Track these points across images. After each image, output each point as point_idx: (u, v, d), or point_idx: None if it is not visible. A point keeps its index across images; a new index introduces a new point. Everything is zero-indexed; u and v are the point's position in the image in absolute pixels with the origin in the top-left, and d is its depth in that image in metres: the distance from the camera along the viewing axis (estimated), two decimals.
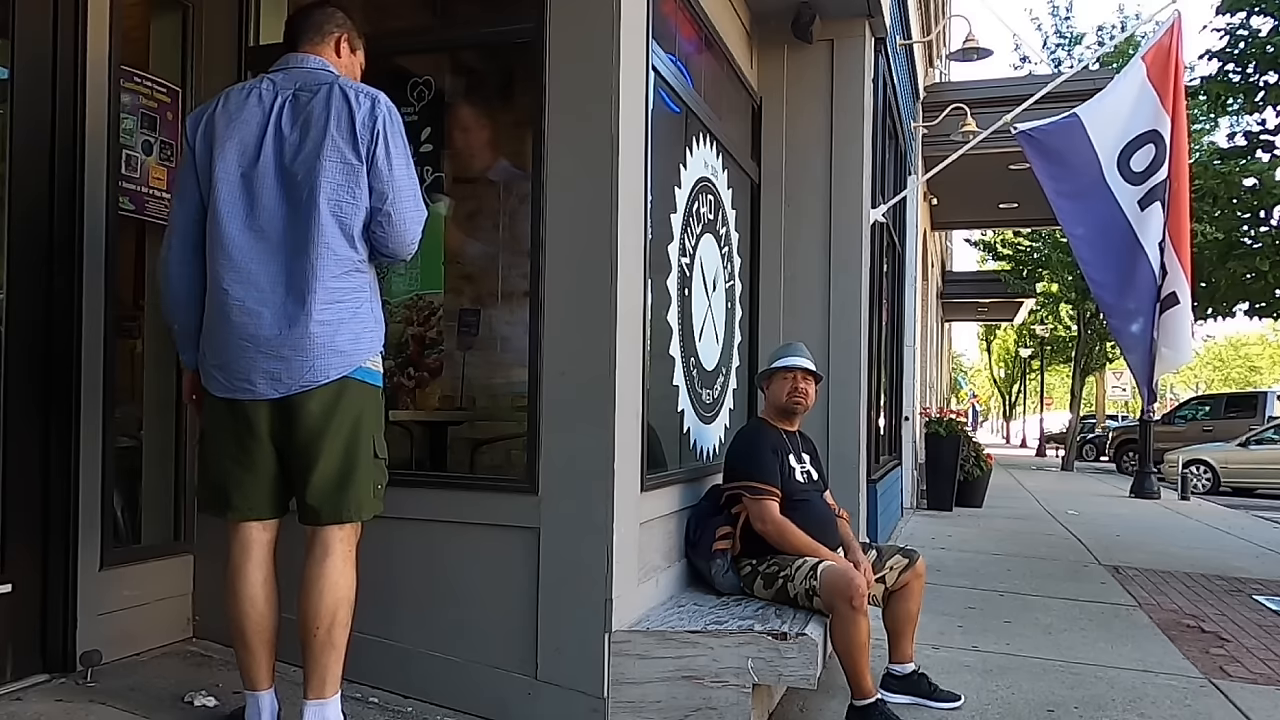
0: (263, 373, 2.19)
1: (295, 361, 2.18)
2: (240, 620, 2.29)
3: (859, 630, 2.84)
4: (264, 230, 2.20)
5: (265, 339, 2.17)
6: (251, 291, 2.18)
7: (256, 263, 2.19)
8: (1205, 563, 6.77)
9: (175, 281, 2.31)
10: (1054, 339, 28.22)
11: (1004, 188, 11.47)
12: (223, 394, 2.24)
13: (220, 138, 2.23)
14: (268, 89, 2.28)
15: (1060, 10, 23.97)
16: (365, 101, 2.23)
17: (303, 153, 2.20)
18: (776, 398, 3.44)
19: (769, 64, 4.96)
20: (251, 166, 2.22)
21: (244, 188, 2.21)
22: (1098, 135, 4.60)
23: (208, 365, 2.26)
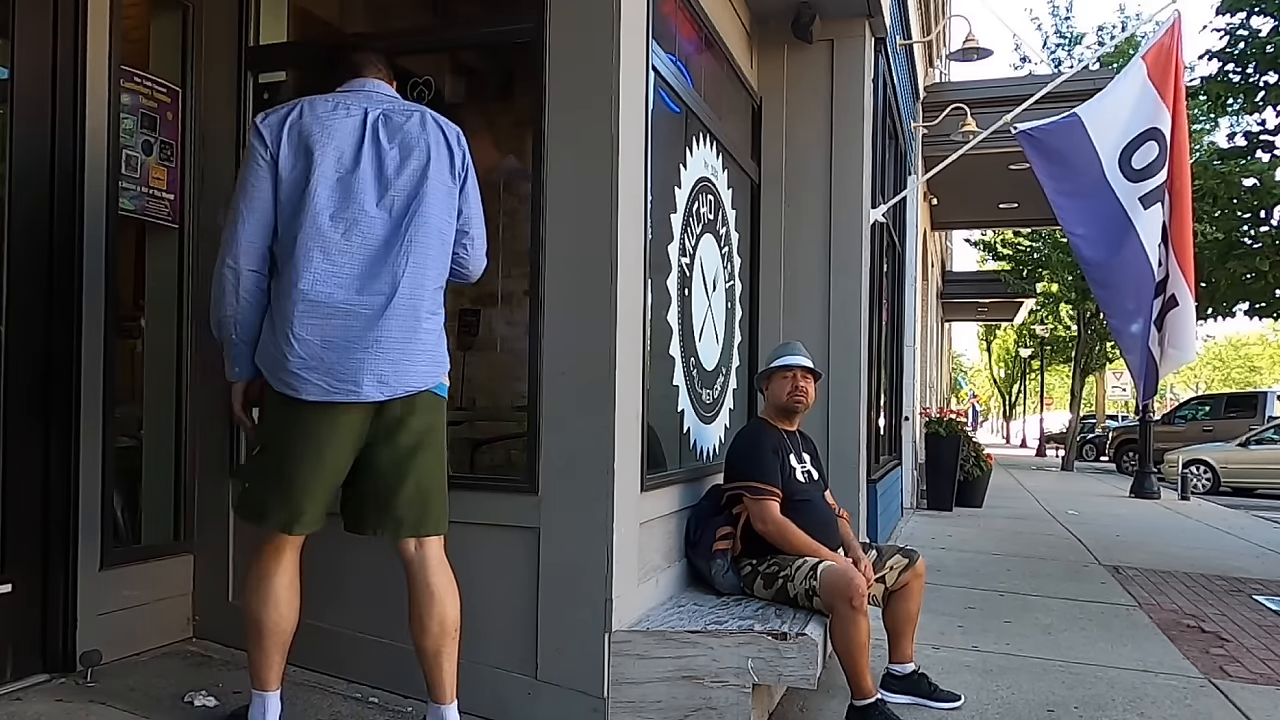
0: (371, 374, 2.18)
1: (404, 365, 2.22)
2: (263, 622, 2.28)
3: (859, 630, 2.84)
4: (365, 237, 2.21)
5: (374, 340, 2.18)
6: (355, 295, 2.18)
7: (359, 267, 2.20)
8: (1205, 563, 6.77)
9: (246, 291, 2.24)
10: (1054, 339, 28.22)
11: (1004, 188, 11.46)
12: (319, 398, 2.17)
13: (316, 143, 2.22)
14: (354, 103, 2.30)
15: (1060, 10, 23.99)
16: (454, 132, 2.40)
17: (405, 171, 2.27)
18: (777, 397, 3.44)
19: (769, 64, 4.96)
20: (350, 174, 2.22)
21: (343, 193, 2.21)
22: (1098, 134, 4.59)
23: (293, 369, 2.17)
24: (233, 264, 2.23)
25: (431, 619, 2.32)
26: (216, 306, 2.28)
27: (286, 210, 2.22)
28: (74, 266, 2.78)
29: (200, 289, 3.20)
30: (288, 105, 2.30)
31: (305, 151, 2.21)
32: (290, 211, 2.21)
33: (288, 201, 2.21)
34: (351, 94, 2.35)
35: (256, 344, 2.28)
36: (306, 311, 2.16)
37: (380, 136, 2.28)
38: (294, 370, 2.17)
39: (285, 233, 2.22)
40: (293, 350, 2.16)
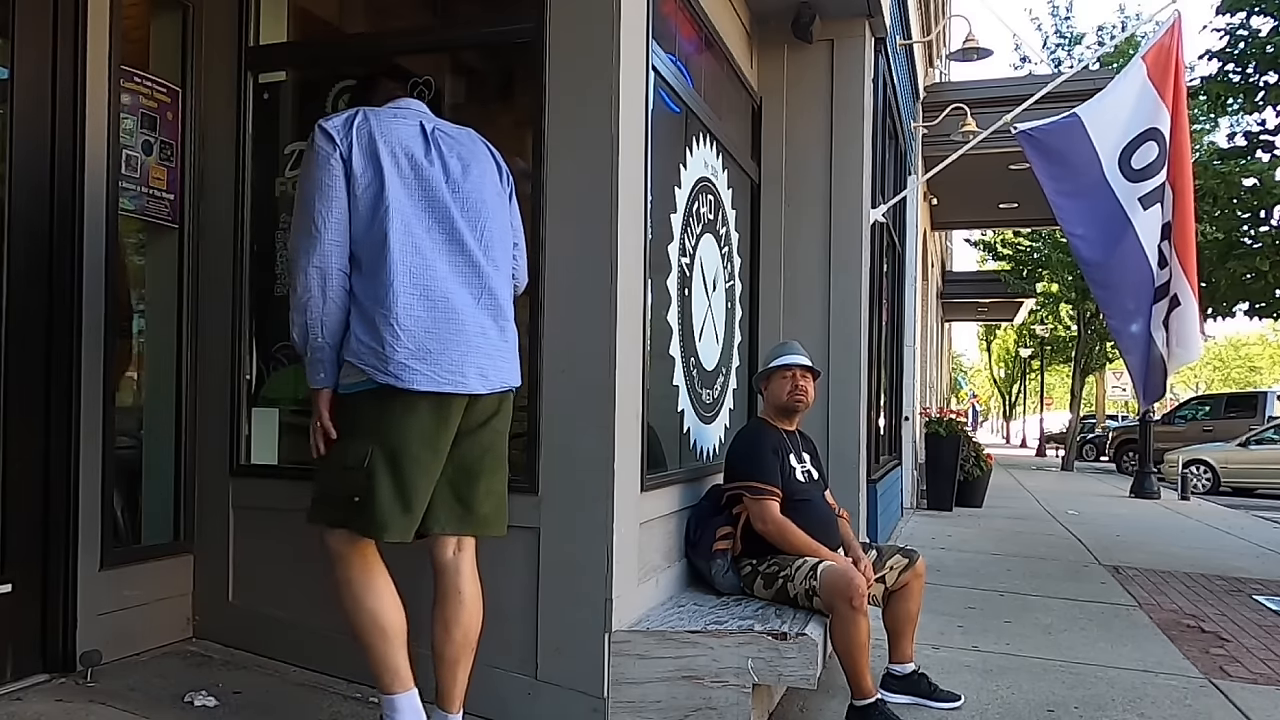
0: (475, 366, 2.22)
1: (499, 361, 2.28)
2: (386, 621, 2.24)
3: (859, 630, 2.84)
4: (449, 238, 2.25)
5: (475, 334, 2.23)
6: (452, 290, 2.22)
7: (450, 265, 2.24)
8: (1205, 563, 6.77)
9: (334, 291, 2.21)
10: (1054, 339, 28.22)
11: (1004, 188, 11.46)
12: (428, 388, 2.16)
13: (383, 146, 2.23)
14: (408, 116, 2.34)
15: (1060, 10, 23.99)
16: (496, 151, 2.49)
17: (469, 179, 2.33)
18: (777, 397, 3.44)
19: (769, 64, 4.96)
20: (422, 177, 2.26)
21: (421, 195, 2.25)
22: (1098, 135, 4.59)
23: (402, 360, 2.14)
24: (320, 264, 2.19)
25: (458, 626, 2.31)
26: (302, 311, 2.22)
27: (365, 211, 2.21)
28: (74, 266, 2.77)
29: (200, 289, 3.21)
30: (347, 111, 2.31)
31: (373, 154, 2.22)
32: (369, 212, 2.20)
33: (365, 202, 2.21)
34: (401, 108, 2.37)
35: (339, 349, 2.24)
36: (409, 304, 2.16)
37: (440, 145, 2.32)
38: (403, 361, 2.14)
39: (368, 233, 2.20)
40: (400, 342, 2.15)
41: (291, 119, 3.29)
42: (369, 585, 2.25)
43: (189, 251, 3.20)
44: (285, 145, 3.22)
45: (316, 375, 2.27)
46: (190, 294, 3.20)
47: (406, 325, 2.16)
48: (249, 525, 3.13)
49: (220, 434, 3.16)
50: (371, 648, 2.24)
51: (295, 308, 2.24)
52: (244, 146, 3.18)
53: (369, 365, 2.17)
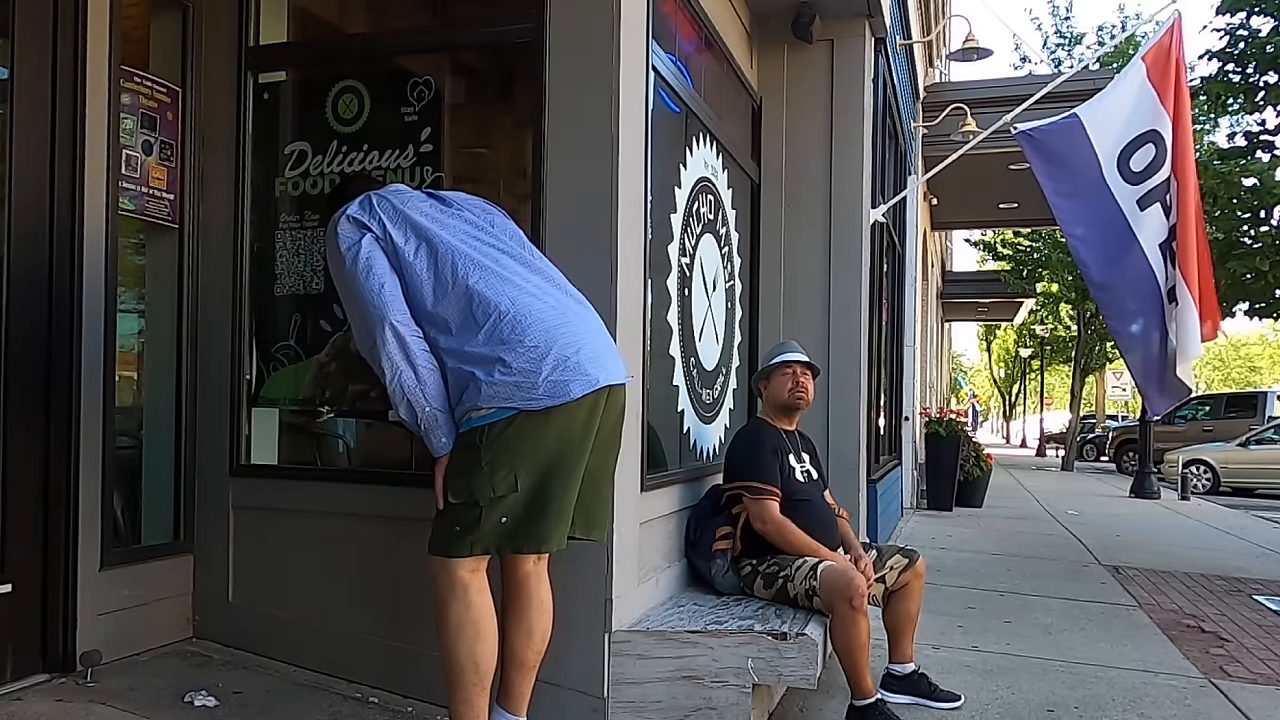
0: (609, 357, 2.25)
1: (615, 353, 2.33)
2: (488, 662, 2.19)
3: (859, 630, 2.84)
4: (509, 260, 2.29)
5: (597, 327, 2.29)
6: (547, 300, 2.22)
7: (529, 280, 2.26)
8: (1205, 563, 6.77)
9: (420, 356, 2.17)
10: (1054, 339, 28.21)
11: (1004, 188, 11.46)
12: (585, 389, 2.14)
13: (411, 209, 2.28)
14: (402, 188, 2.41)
15: (1060, 10, 23.99)
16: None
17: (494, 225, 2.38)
18: (777, 395, 3.43)
19: (769, 64, 4.96)
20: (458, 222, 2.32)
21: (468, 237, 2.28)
22: (1097, 135, 4.59)
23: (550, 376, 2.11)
24: (393, 335, 2.15)
25: (539, 632, 2.29)
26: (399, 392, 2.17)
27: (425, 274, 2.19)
28: (74, 266, 2.77)
29: (200, 288, 3.21)
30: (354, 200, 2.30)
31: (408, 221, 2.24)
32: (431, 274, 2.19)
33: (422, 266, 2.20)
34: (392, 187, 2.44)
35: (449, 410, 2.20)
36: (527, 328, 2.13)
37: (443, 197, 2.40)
38: (551, 379, 2.11)
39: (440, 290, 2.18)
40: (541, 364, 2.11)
41: (291, 119, 3.28)
42: (479, 627, 2.18)
43: (189, 251, 3.20)
44: (285, 145, 3.22)
45: (438, 443, 2.22)
46: (190, 294, 3.20)
47: (539, 345, 2.12)
48: (249, 525, 3.12)
49: (220, 434, 3.16)
50: (462, 687, 2.18)
51: (392, 392, 2.17)
52: (244, 146, 3.18)
53: (514, 401, 2.12)
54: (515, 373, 2.11)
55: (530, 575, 2.30)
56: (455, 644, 2.17)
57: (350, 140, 3.10)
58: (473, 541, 2.16)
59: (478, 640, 2.17)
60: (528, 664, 2.30)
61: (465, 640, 2.16)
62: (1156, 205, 4.59)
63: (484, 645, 2.18)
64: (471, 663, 2.16)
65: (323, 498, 3.05)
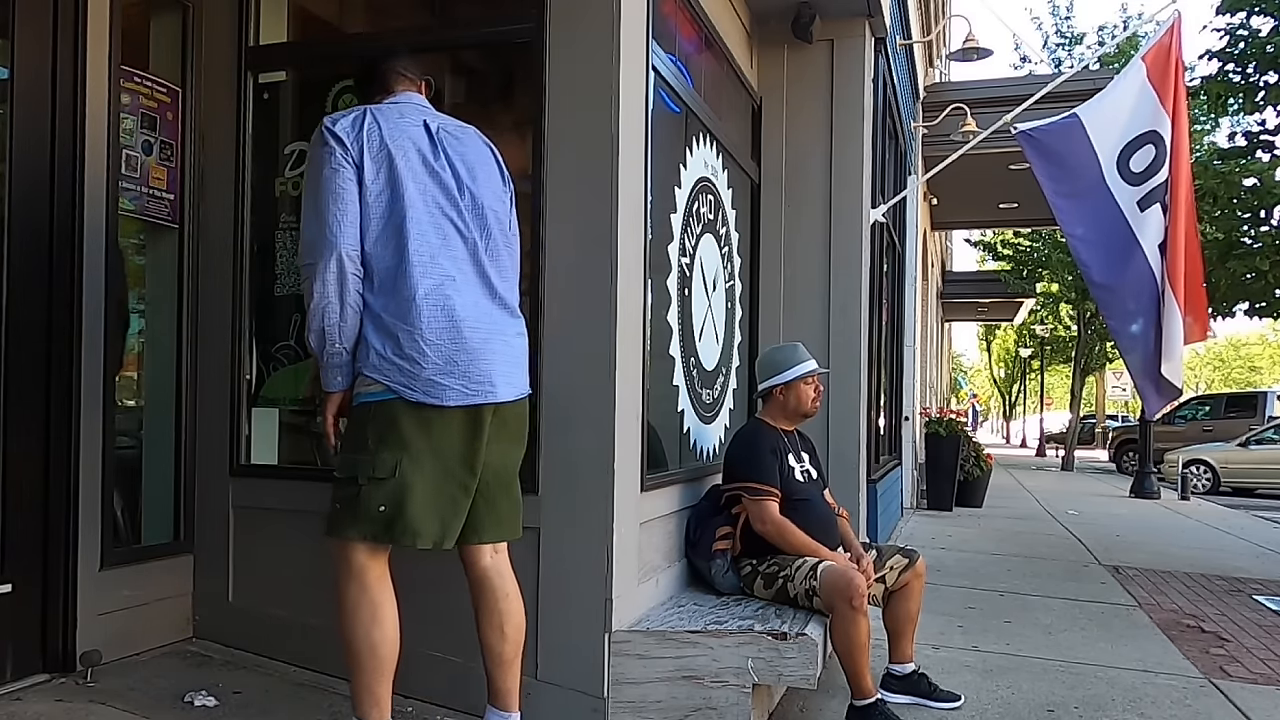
0: (501, 374, 2.21)
1: (517, 367, 2.28)
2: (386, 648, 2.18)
3: (859, 630, 2.84)
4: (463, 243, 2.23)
5: (498, 342, 2.22)
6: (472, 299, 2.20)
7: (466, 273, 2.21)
8: (1205, 563, 6.77)
9: (352, 296, 2.16)
10: (1054, 339, 28.21)
11: (1004, 188, 11.47)
12: (460, 401, 2.14)
13: (396, 149, 2.19)
14: (412, 115, 2.28)
15: (1060, 10, 23.97)
16: (496, 150, 2.44)
17: (478, 181, 2.30)
18: (799, 404, 3.39)
19: (769, 64, 4.96)
20: (434, 180, 2.23)
21: (434, 200, 2.21)
22: (1097, 135, 4.59)
23: (430, 376, 2.12)
24: (337, 271, 2.13)
25: (510, 626, 2.31)
26: (319, 317, 2.16)
27: (377, 219, 2.16)
28: (74, 266, 2.78)
29: (200, 289, 3.21)
30: (353, 111, 2.24)
31: (387, 158, 2.17)
32: (382, 221, 2.16)
33: (378, 210, 2.16)
34: (400, 105, 2.33)
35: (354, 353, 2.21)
36: (433, 318, 2.13)
37: (446, 146, 2.28)
38: (433, 378, 2.12)
39: (381, 241, 2.16)
40: (427, 358, 2.12)
41: (291, 119, 3.29)
42: (376, 610, 2.18)
43: (189, 251, 3.21)
44: (285, 145, 3.22)
45: (334, 380, 2.24)
46: (190, 294, 3.20)
47: (432, 340, 2.13)
48: (249, 525, 3.13)
49: (220, 434, 3.16)
50: (361, 672, 2.18)
51: (312, 313, 2.17)
52: (244, 146, 3.18)
53: (396, 383, 2.13)
54: (403, 357, 2.13)
55: (489, 570, 2.32)
56: (353, 629, 2.17)
57: None
58: (353, 524, 2.16)
59: (374, 625, 2.16)
60: (506, 659, 2.31)
61: (362, 625, 2.16)
62: (1156, 206, 4.59)
63: (381, 630, 2.17)
64: (369, 648, 2.15)
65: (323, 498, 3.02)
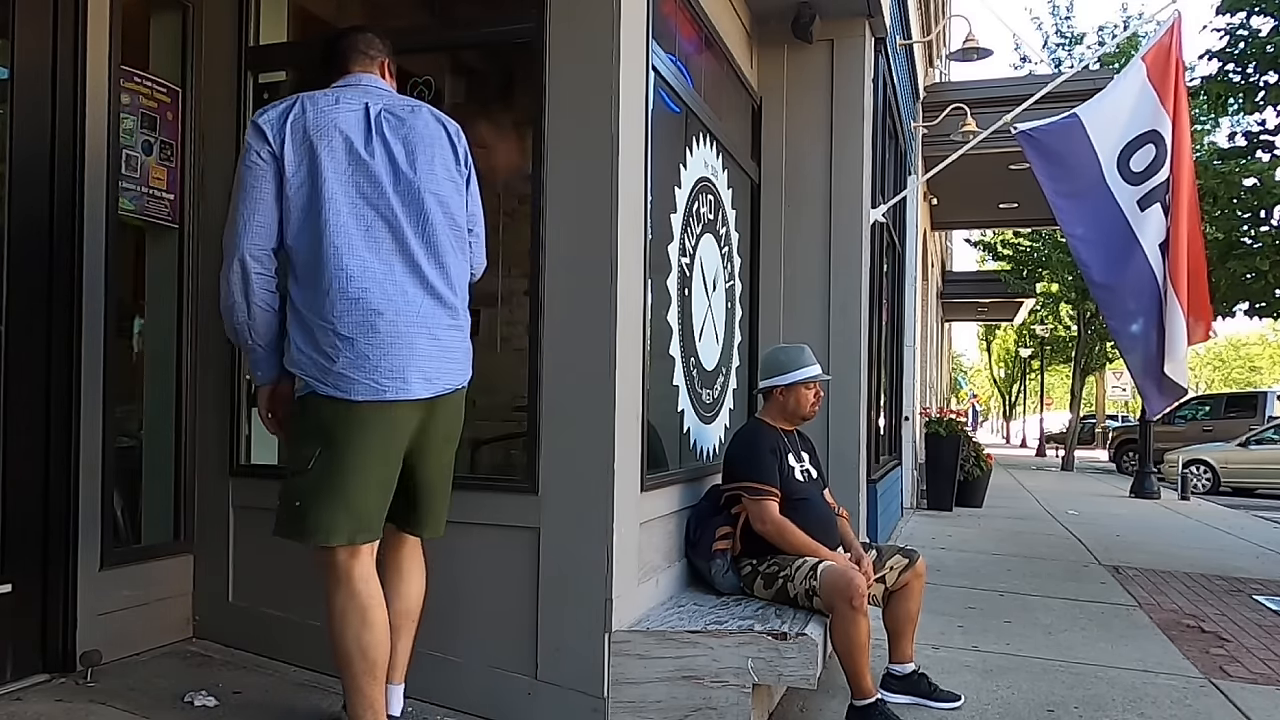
0: (417, 371, 2.16)
1: (444, 362, 2.22)
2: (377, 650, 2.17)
3: (859, 630, 2.84)
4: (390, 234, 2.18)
5: (416, 337, 2.17)
6: (391, 293, 2.15)
7: (389, 265, 2.16)
8: (1205, 563, 6.77)
9: (257, 294, 2.17)
10: (1054, 339, 28.20)
11: (1004, 188, 11.47)
12: (370, 397, 2.12)
13: (321, 139, 2.15)
14: (352, 99, 2.24)
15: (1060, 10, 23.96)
16: (453, 127, 2.38)
17: (416, 166, 2.23)
18: (799, 408, 3.40)
19: (769, 64, 4.96)
20: (361, 170, 2.17)
21: (358, 191, 2.17)
22: (1098, 135, 4.59)
23: (340, 370, 2.11)
24: (240, 268, 2.15)
25: (397, 597, 2.34)
26: (228, 313, 2.20)
27: (298, 213, 2.14)
28: (74, 266, 2.77)
29: (200, 289, 3.21)
30: (285, 101, 2.23)
31: (310, 149, 2.14)
32: (303, 214, 2.14)
33: (299, 203, 2.14)
34: (346, 88, 2.29)
35: (276, 347, 2.24)
36: (346, 311, 2.11)
37: (385, 131, 2.23)
38: (342, 372, 2.11)
39: (301, 234, 2.15)
40: (338, 352, 2.11)
41: None
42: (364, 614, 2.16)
43: (189, 251, 3.21)
44: None
45: (257, 374, 2.31)
46: (190, 294, 3.20)
47: (344, 334, 2.11)
48: (249, 525, 3.12)
49: (220, 434, 3.16)
50: (353, 675, 2.18)
51: (223, 310, 2.23)
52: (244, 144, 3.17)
53: (311, 376, 2.16)
54: (318, 351, 2.14)
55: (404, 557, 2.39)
56: (342, 633, 2.16)
57: None
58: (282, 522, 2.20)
59: (364, 628, 2.15)
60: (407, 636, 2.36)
61: (351, 629, 2.16)
62: (1157, 205, 4.59)
63: (371, 633, 2.16)
64: (359, 650, 2.15)
65: None
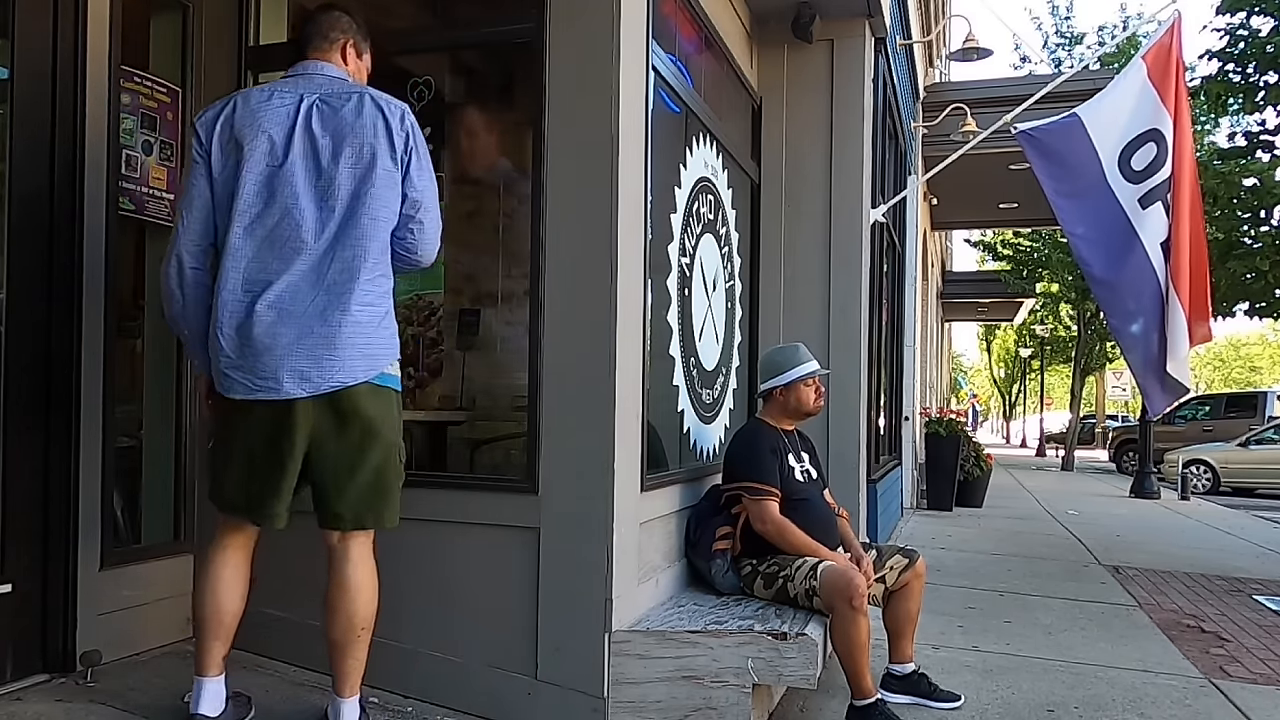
0: (290, 371, 2.16)
1: (326, 361, 2.18)
2: (212, 613, 2.31)
3: (859, 630, 2.84)
4: (293, 232, 2.18)
5: (295, 337, 2.16)
6: (278, 289, 2.16)
7: (281, 261, 2.17)
8: (1205, 563, 6.77)
9: (188, 288, 2.25)
10: (1054, 339, 28.22)
11: (1004, 188, 11.47)
12: (244, 395, 2.18)
13: (246, 137, 2.20)
14: (289, 91, 2.26)
15: (1060, 10, 23.98)
16: (397, 111, 2.30)
17: (340, 158, 2.21)
18: (801, 405, 3.40)
19: (769, 64, 4.96)
20: (280, 166, 2.20)
21: (271, 189, 2.20)
22: (1098, 135, 4.59)
23: (221, 368, 2.20)
24: (176, 261, 2.25)
25: (340, 612, 2.29)
26: (166, 303, 2.32)
27: (221, 210, 2.23)
28: (74, 266, 2.77)
29: None
30: (224, 100, 2.30)
31: (236, 147, 2.21)
32: (224, 213, 2.22)
33: (222, 201, 2.23)
34: (291, 79, 2.31)
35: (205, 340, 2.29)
36: (230, 311, 2.17)
37: (313, 124, 2.23)
38: (223, 369, 2.20)
39: (221, 231, 2.24)
40: (221, 349, 2.19)
41: None
42: (200, 570, 2.36)
43: None
44: None
45: (196, 361, 2.41)
46: None
47: (227, 333, 2.17)
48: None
49: None
50: (195, 627, 2.35)
51: (162, 299, 2.32)
52: None
53: (209, 371, 2.28)
54: (210, 348, 2.22)
55: (334, 553, 2.31)
56: (194, 590, 2.37)
57: None
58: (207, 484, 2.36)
59: (200, 594, 2.32)
60: (333, 642, 2.31)
61: (196, 589, 2.35)
62: (1158, 204, 4.59)
63: (200, 599, 2.32)
64: (198, 613, 2.33)
65: None
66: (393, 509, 2.35)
